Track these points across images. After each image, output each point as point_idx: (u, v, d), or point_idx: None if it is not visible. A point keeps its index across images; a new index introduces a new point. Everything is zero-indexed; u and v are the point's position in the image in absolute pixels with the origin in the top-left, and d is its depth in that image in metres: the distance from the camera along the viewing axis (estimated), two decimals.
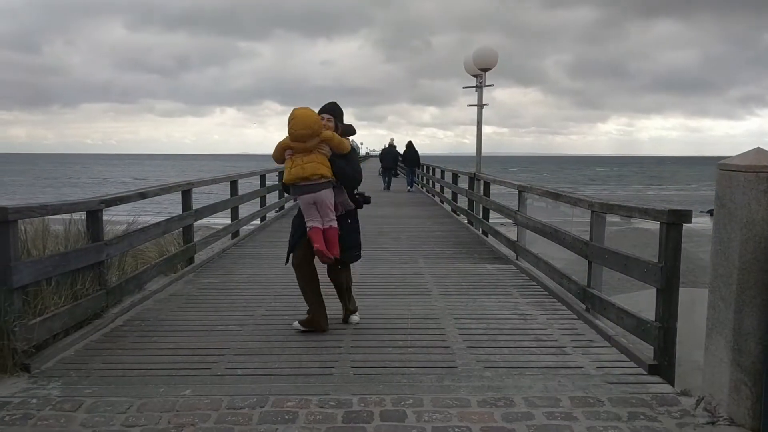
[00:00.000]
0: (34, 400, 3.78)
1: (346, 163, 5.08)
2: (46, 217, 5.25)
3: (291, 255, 5.29)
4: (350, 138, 5.17)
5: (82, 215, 5.56)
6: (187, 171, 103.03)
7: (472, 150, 14.29)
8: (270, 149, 5.16)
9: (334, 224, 5.06)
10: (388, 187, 25.86)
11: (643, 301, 6.25)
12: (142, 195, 6.76)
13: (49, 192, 54.69)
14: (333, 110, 5.10)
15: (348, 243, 5.24)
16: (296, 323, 5.28)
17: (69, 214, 5.46)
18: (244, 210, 11.93)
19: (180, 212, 8.12)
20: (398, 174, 32.01)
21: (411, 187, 26.37)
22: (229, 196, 10.90)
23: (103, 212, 5.63)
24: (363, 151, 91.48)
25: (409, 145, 26.57)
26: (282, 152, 5.04)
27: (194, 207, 8.45)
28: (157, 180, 65.92)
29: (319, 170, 4.92)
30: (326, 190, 5.00)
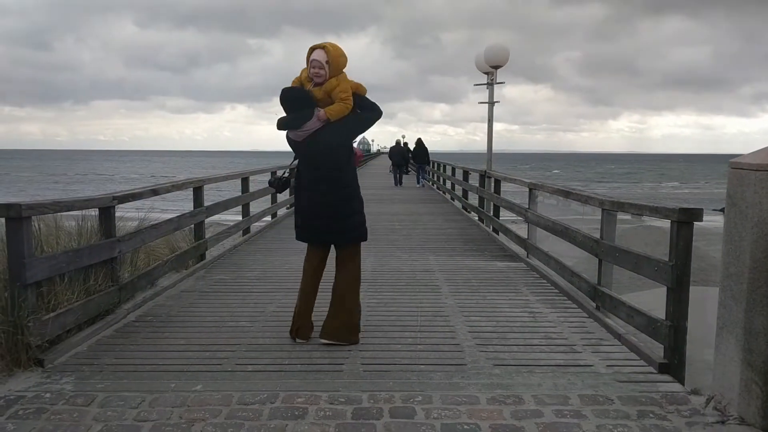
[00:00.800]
0: (48, 395, 3.83)
1: None
2: (59, 214, 5.30)
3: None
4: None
5: (95, 211, 5.61)
6: (194, 168, 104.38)
7: (482, 147, 14.27)
8: (281, 147, 5.18)
9: None
10: (397, 183, 26.35)
11: (653, 300, 6.23)
12: (154, 192, 6.80)
13: (55, 189, 55.34)
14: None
15: None
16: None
17: (82, 211, 5.51)
18: (255, 206, 11.98)
19: (190, 209, 8.17)
20: (409, 171, 32.22)
21: (420, 183, 26.90)
22: (240, 193, 10.96)
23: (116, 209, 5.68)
24: (374, 148, 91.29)
25: (419, 142, 27.15)
26: None
27: (205, 204, 8.50)
28: (162, 177, 66.51)
29: None
30: None
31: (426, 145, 26.91)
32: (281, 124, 4.77)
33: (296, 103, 4.69)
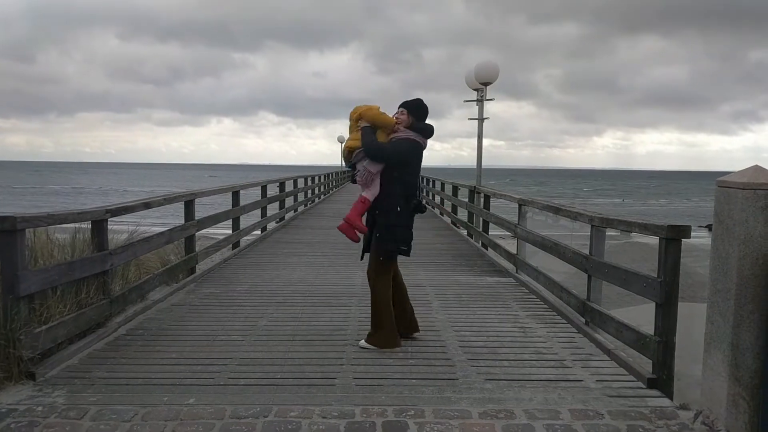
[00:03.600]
0: (40, 408, 3.81)
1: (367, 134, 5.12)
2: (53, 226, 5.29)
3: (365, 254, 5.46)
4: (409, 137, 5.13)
5: (88, 224, 5.61)
6: (178, 181, 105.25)
7: (469, 162, 14.43)
8: (269, 160, 5.31)
9: (364, 195, 5.21)
10: None
11: (642, 316, 6.30)
12: (147, 205, 6.79)
13: (24, 202, 55.90)
14: (408, 105, 5.23)
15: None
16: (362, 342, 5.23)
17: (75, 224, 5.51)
18: (245, 220, 11.98)
19: (178, 222, 8.18)
20: None
21: None
22: (230, 206, 10.97)
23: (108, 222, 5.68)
24: None
25: None
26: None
27: (196, 217, 8.50)
28: (139, 191, 66.88)
29: (350, 144, 5.22)
30: (360, 161, 5.16)
31: None
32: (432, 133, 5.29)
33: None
